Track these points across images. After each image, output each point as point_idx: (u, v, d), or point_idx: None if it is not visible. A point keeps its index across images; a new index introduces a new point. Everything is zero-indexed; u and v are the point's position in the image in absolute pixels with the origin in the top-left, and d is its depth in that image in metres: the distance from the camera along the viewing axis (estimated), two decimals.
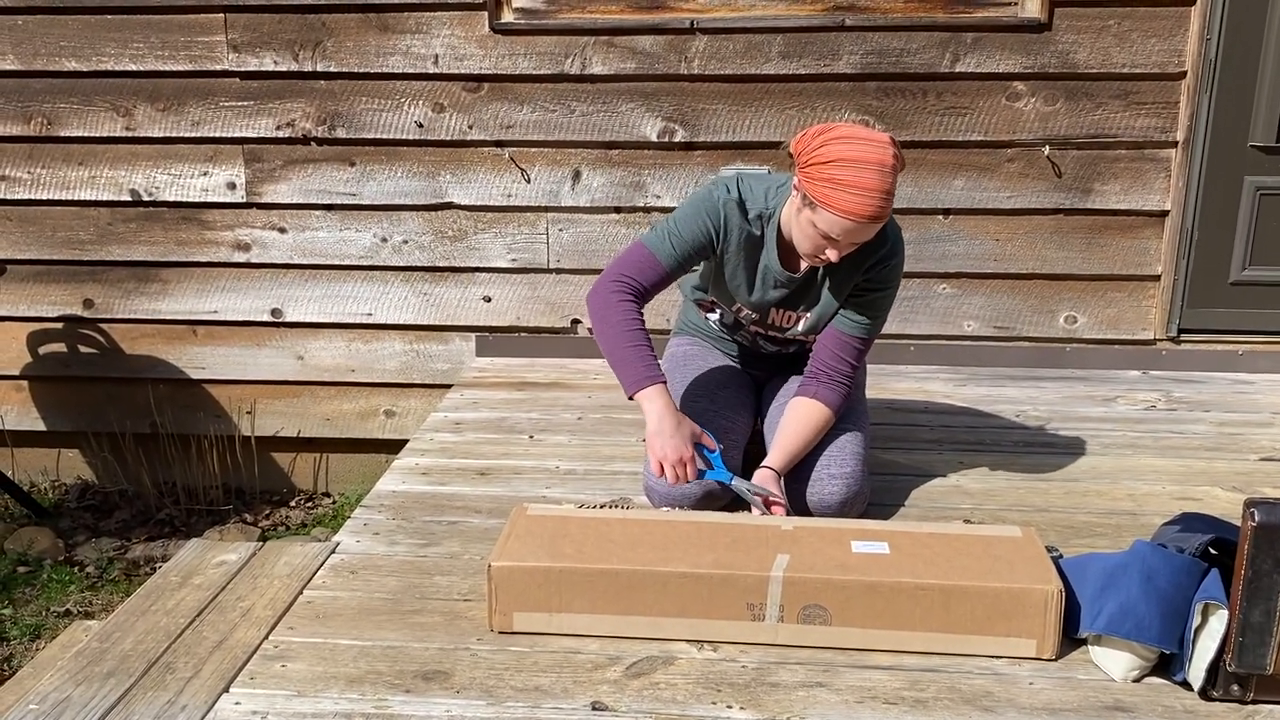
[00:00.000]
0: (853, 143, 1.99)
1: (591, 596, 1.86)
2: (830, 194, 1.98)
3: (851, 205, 1.97)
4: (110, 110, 3.52)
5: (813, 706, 1.71)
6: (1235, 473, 2.62)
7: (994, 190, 3.35)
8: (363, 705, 1.72)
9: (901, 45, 3.25)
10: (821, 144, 2.01)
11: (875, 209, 1.98)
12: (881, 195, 1.97)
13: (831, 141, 2.00)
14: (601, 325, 2.18)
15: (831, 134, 2.01)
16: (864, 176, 1.96)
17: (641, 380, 2.13)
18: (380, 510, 2.44)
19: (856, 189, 1.96)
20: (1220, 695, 1.70)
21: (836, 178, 1.97)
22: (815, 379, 2.28)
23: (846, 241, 2.05)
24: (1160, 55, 3.20)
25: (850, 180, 1.97)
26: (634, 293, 2.19)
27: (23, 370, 3.78)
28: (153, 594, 2.08)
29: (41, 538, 3.42)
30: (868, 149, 1.98)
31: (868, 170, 1.96)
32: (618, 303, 2.17)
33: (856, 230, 2.01)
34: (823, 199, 2.00)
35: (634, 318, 2.17)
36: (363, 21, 3.37)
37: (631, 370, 2.14)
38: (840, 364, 2.27)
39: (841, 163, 1.97)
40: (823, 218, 2.01)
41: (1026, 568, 1.85)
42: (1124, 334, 3.45)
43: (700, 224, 2.20)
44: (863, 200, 1.97)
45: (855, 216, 1.98)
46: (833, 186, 1.98)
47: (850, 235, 2.03)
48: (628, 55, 3.32)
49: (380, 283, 3.60)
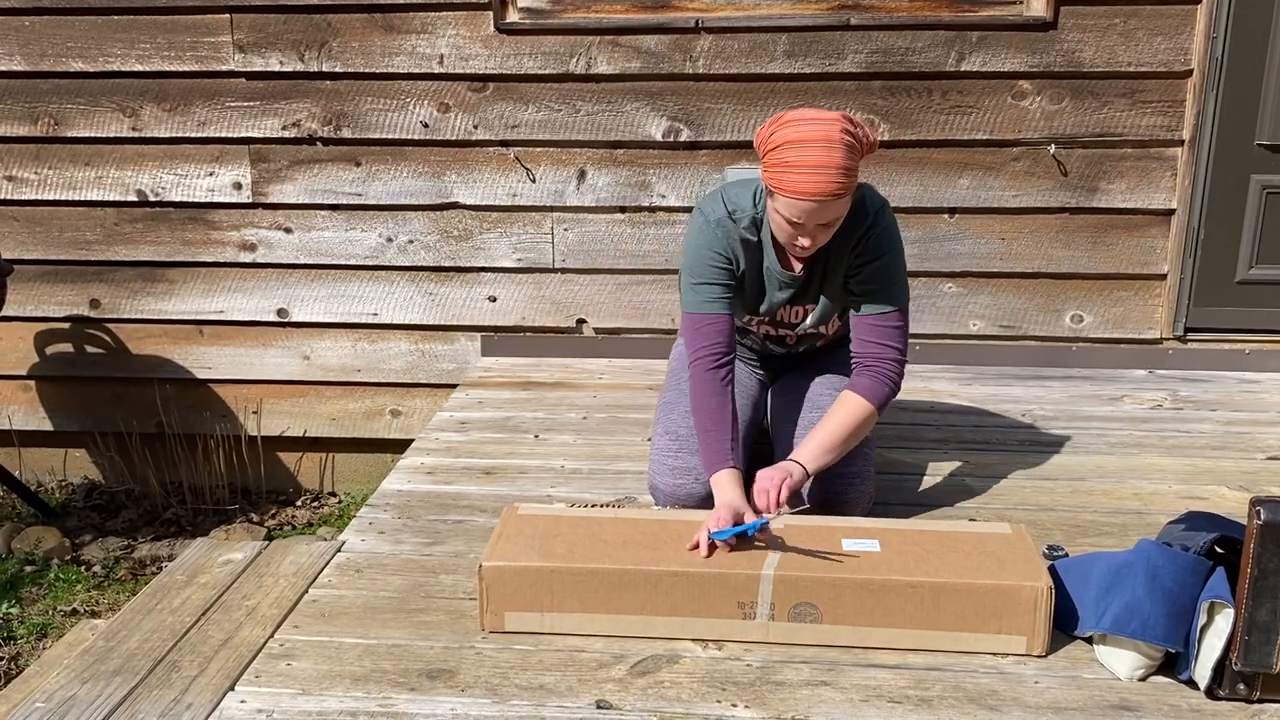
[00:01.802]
0: (798, 124, 1.99)
1: (583, 596, 1.86)
2: (781, 177, 1.98)
3: (801, 185, 1.96)
4: (117, 111, 3.53)
5: (817, 705, 1.70)
6: (1241, 471, 2.61)
7: (999, 189, 3.35)
8: (368, 704, 1.72)
9: (907, 44, 3.25)
10: (772, 132, 2.02)
11: (826, 186, 1.95)
12: (831, 170, 1.95)
13: (780, 127, 2.01)
14: (692, 405, 2.18)
15: (782, 120, 2.02)
16: (809, 154, 1.95)
17: (711, 465, 2.12)
18: (385, 509, 2.45)
19: (804, 168, 1.95)
20: (1226, 694, 1.69)
21: (785, 160, 1.97)
22: (857, 369, 2.22)
23: (811, 224, 2.02)
24: (1166, 54, 3.19)
25: (796, 160, 1.96)
26: (713, 358, 2.17)
27: (30, 370, 3.79)
28: (158, 593, 2.09)
29: (48, 537, 3.43)
30: (812, 128, 1.97)
31: (813, 147, 1.95)
32: (696, 382, 2.17)
33: (816, 210, 1.99)
34: (777, 184, 2.00)
35: (713, 396, 2.15)
36: (368, 22, 3.37)
37: (705, 454, 2.14)
38: (873, 348, 2.19)
39: (787, 145, 1.97)
40: (781, 203, 2.01)
41: (1017, 565, 1.85)
42: (1130, 333, 3.44)
43: (711, 259, 2.19)
44: (811, 178, 1.95)
45: (806, 196, 1.97)
46: (783, 169, 1.98)
47: (812, 216, 2.00)
48: (633, 55, 3.33)
49: (386, 283, 3.60)
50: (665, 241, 3.48)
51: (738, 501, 2.00)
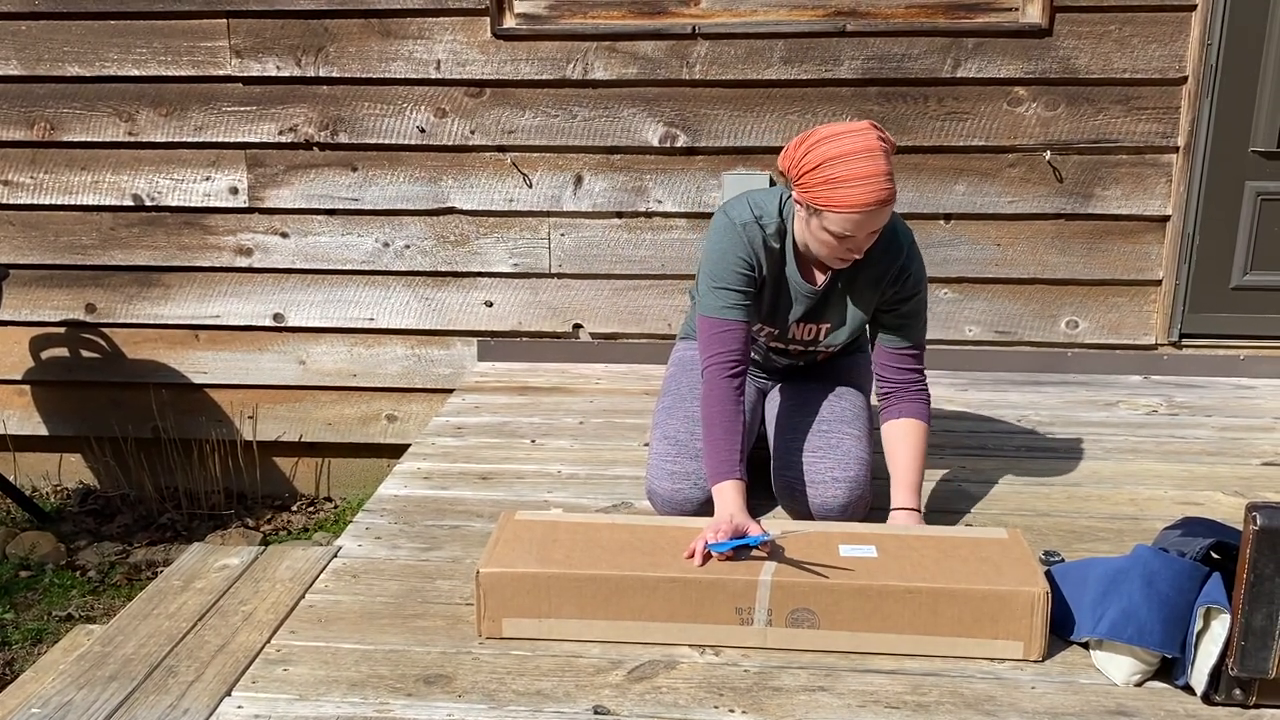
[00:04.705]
0: (835, 140, 2.01)
1: (580, 602, 1.86)
2: (831, 195, 2.00)
3: (854, 198, 1.99)
4: (113, 115, 3.53)
5: (815, 711, 1.71)
6: (1237, 477, 2.62)
7: (995, 195, 3.36)
8: (364, 709, 1.72)
9: (903, 51, 3.25)
10: (806, 151, 2.03)
11: (879, 194, 1.99)
12: (880, 178, 1.99)
13: (816, 146, 2.02)
14: (703, 412, 2.19)
15: (813, 139, 2.04)
16: (857, 166, 1.98)
17: (715, 475, 2.12)
18: (382, 514, 2.44)
19: (854, 180, 1.98)
20: (1223, 700, 1.70)
21: (831, 177, 1.99)
22: (895, 399, 2.28)
23: (863, 235, 2.06)
24: (1161, 60, 3.20)
25: (845, 175, 1.98)
26: (729, 366, 2.18)
27: (25, 375, 3.79)
28: (155, 598, 2.08)
29: (43, 542, 3.42)
30: (851, 140, 2.00)
31: (858, 160, 1.98)
32: (710, 389, 2.18)
33: (868, 220, 2.02)
34: (826, 202, 2.01)
35: (727, 404, 2.16)
36: (365, 27, 3.37)
37: (710, 463, 2.14)
38: (905, 375, 2.28)
39: (831, 162, 1.99)
40: (832, 220, 2.03)
41: (1013, 570, 1.85)
42: (1125, 339, 3.45)
43: (735, 264, 2.19)
44: (864, 189, 1.98)
45: (861, 208, 1.99)
46: (831, 187, 1.99)
47: (864, 227, 2.03)
48: (629, 60, 3.33)
49: (382, 287, 3.60)
50: (662, 247, 3.48)
51: (739, 514, 2.00)
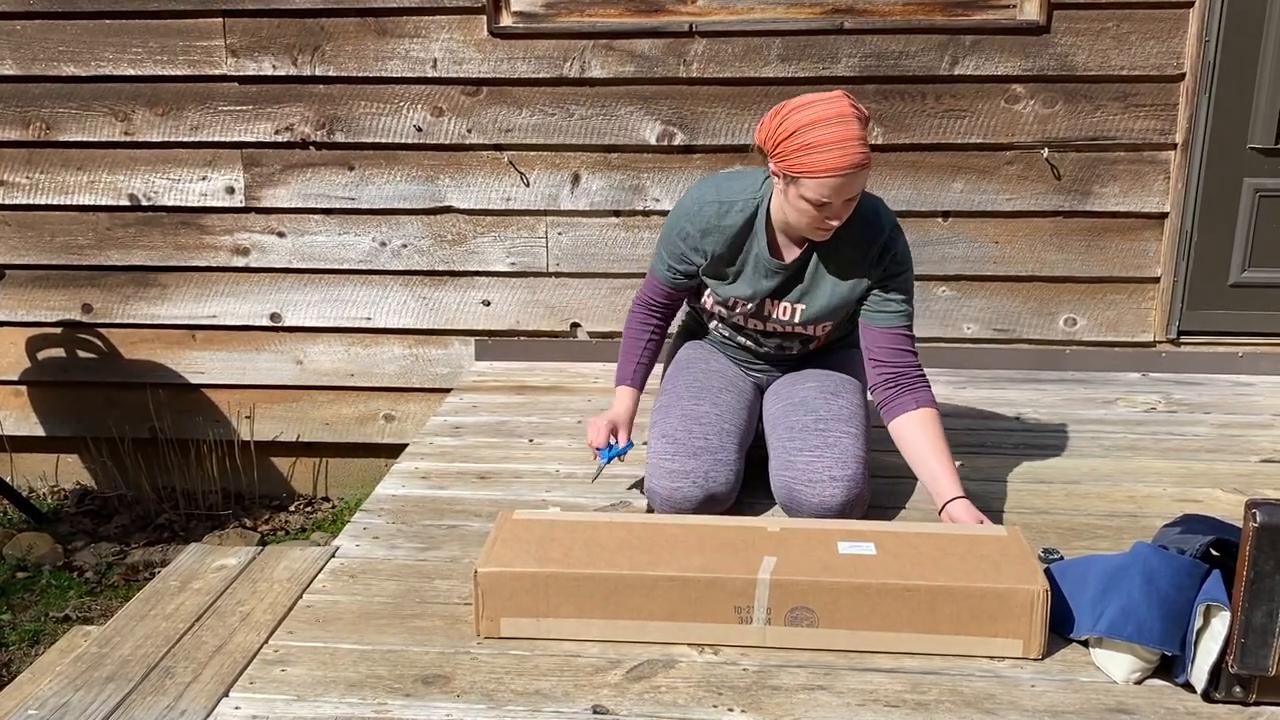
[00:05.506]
0: (808, 107, 2.06)
1: (579, 601, 1.86)
2: (806, 160, 2.04)
3: (829, 162, 2.02)
4: (109, 115, 3.52)
5: (814, 709, 1.70)
6: (1236, 474, 2.62)
7: (993, 193, 3.35)
8: (363, 709, 1.71)
9: (900, 48, 3.25)
10: (780, 121, 2.08)
11: (853, 157, 2.03)
12: (854, 142, 2.03)
13: (789, 115, 2.07)
14: (624, 333, 2.51)
15: (787, 109, 2.09)
16: (830, 131, 2.02)
17: (619, 379, 2.48)
18: (380, 514, 2.44)
19: (828, 145, 2.02)
20: (1222, 697, 1.70)
21: (806, 143, 2.04)
22: (898, 391, 2.27)
23: (840, 202, 2.09)
24: (1159, 57, 3.20)
25: (818, 140, 2.03)
26: (646, 308, 2.47)
27: (21, 375, 3.78)
28: (152, 599, 2.08)
29: (40, 543, 3.42)
30: (824, 107, 2.05)
31: (831, 125, 2.03)
32: (628, 321, 2.50)
33: (844, 185, 2.05)
34: (801, 169, 2.05)
35: (638, 331, 2.47)
36: (361, 26, 3.37)
37: (619, 369, 2.49)
38: (902, 359, 2.29)
39: (804, 129, 2.04)
40: (808, 186, 2.06)
41: (1012, 568, 1.85)
42: (1124, 336, 3.45)
43: (675, 235, 2.35)
44: (838, 153, 2.02)
45: (836, 172, 2.03)
46: (806, 152, 2.04)
47: (840, 193, 2.06)
48: (626, 59, 3.33)
49: (379, 287, 3.60)
50: None
51: (623, 416, 2.39)
